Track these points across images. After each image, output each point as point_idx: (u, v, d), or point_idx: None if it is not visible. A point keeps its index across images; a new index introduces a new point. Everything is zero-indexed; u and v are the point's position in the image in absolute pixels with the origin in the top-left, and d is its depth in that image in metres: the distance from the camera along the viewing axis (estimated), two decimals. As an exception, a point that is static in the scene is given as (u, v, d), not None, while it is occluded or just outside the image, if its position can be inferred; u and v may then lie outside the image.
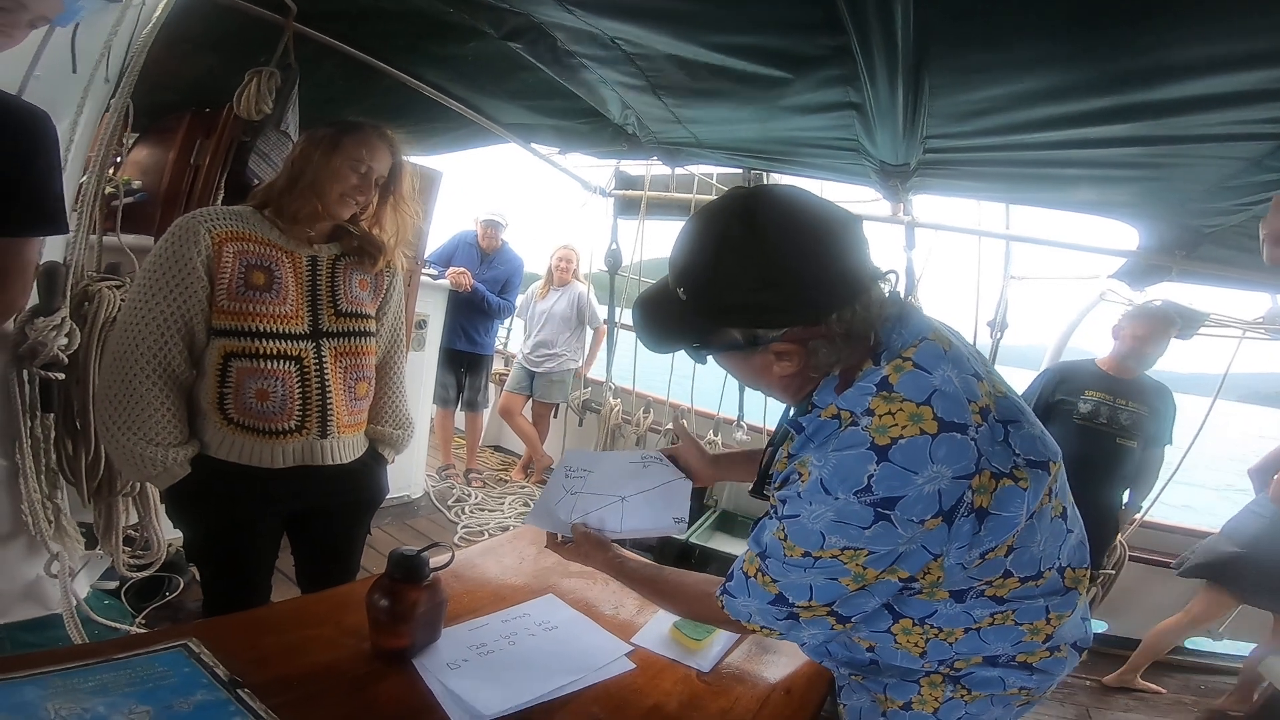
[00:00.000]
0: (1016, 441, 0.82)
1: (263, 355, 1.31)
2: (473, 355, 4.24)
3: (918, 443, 0.77)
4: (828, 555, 0.80)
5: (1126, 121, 1.47)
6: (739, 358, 0.89)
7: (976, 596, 0.87)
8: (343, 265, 1.44)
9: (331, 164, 1.35)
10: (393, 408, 1.65)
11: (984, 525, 0.79)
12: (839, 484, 0.79)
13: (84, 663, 0.87)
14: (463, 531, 3.58)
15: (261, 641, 1.03)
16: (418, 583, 1.05)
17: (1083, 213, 2.21)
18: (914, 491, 0.76)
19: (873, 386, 0.82)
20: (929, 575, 0.83)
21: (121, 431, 1.26)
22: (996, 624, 0.89)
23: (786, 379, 0.89)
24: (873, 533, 0.77)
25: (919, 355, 0.83)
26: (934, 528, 0.78)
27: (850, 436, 0.80)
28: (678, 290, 0.86)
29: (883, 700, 0.98)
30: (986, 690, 0.93)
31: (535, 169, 4.19)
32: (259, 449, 1.34)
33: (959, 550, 0.80)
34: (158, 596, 2.18)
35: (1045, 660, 0.93)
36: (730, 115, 1.96)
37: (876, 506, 0.77)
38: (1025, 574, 0.86)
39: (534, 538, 1.60)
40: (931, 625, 0.89)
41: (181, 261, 1.27)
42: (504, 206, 4.61)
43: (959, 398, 0.80)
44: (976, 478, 0.77)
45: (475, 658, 1.08)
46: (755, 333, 0.84)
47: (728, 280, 0.81)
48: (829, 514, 0.79)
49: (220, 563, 1.41)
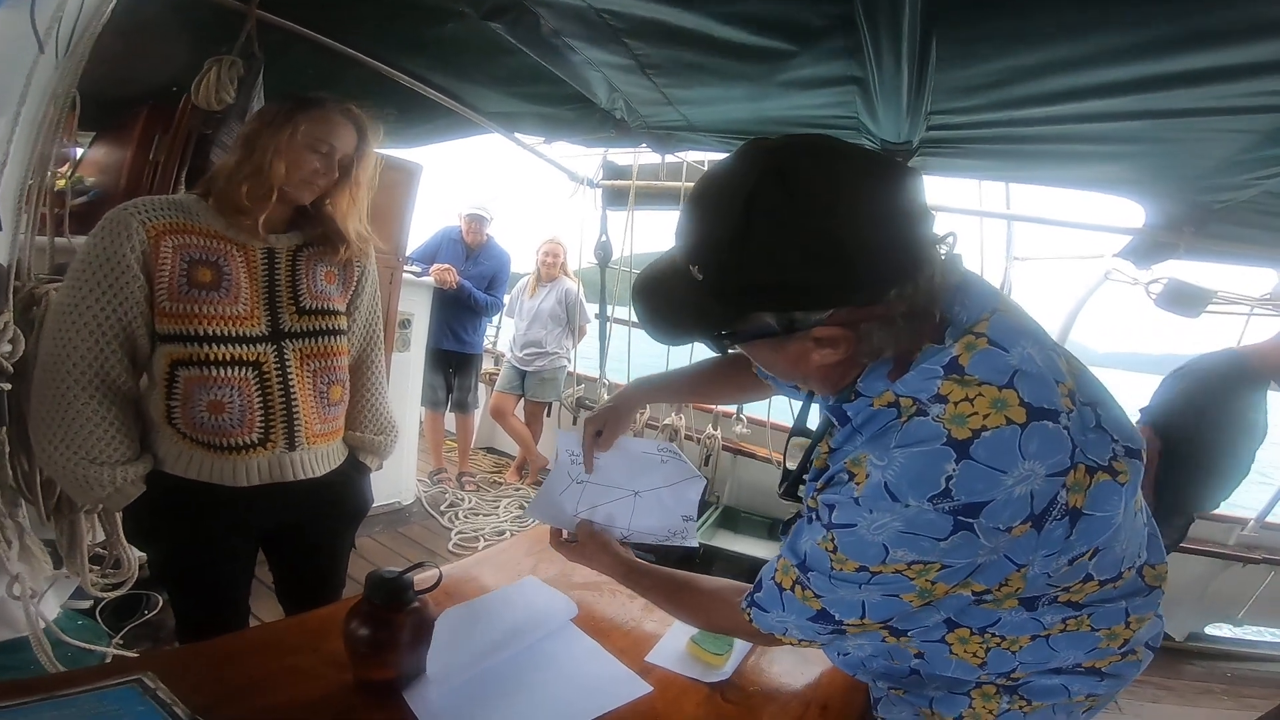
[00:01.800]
0: (1110, 426, 0.70)
1: (213, 362, 1.18)
2: (461, 355, 4.15)
3: (1005, 435, 0.64)
4: (890, 570, 0.69)
5: (1137, 94, 1.41)
6: (770, 346, 0.73)
7: (1049, 603, 0.76)
8: (305, 257, 1.31)
9: (288, 143, 1.20)
10: (372, 411, 1.52)
11: (1076, 528, 0.68)
12: (910, 488, 0.65)
13: (24, 700, 0.78)
14: (457, 538, 3.49)
15: (228, 674, 0.93)
16: (401, 607, 0.93)
17: (1088, 190, 2.15)
18: (1002, 495, 0.64)
19: (939, 369, 0.68)
20: (1007, 587, 0.72)
21: (59, 451, 1.14)
22: (1069, 630, 0.78)
23: (828, 368, 0.74)
24: (949, 544, 0.65)
25: (993, 330, 0.69)
26: (1021, 535, 0.66)
27: (919, 429, 0.67)
28: (690, 269, 0.69)
29: (929, 715, 0.88)
30: (1048, 700, 0.82)
31: (520, 160, 4.11)
32: (219, 466, 1.22)
33: (1046, 558, 0.69)
34: (135, 615, 2.09)
35: (1116, 664, 0.83)
36: (723, 94, 1.88)
37: (957, 514, 0.64)
38: (1105, 576, 0.75)
39: (529, 546, 1.51)
40: (994, 634, 0.79)
41: (113, 259, 1.13)
42: (488, 200, 4.51)
43: (1045, 379, 0.67)
44: (1071, 473, 0.66)
45: (473, 688, 0.98)
46: (793, 316, 0.67)
47: (760, 255, 0.63)
48: (896, 524, 0.66)
49: (189, 586, 1.30)
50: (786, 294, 0.66)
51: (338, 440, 1.41)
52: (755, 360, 0.82)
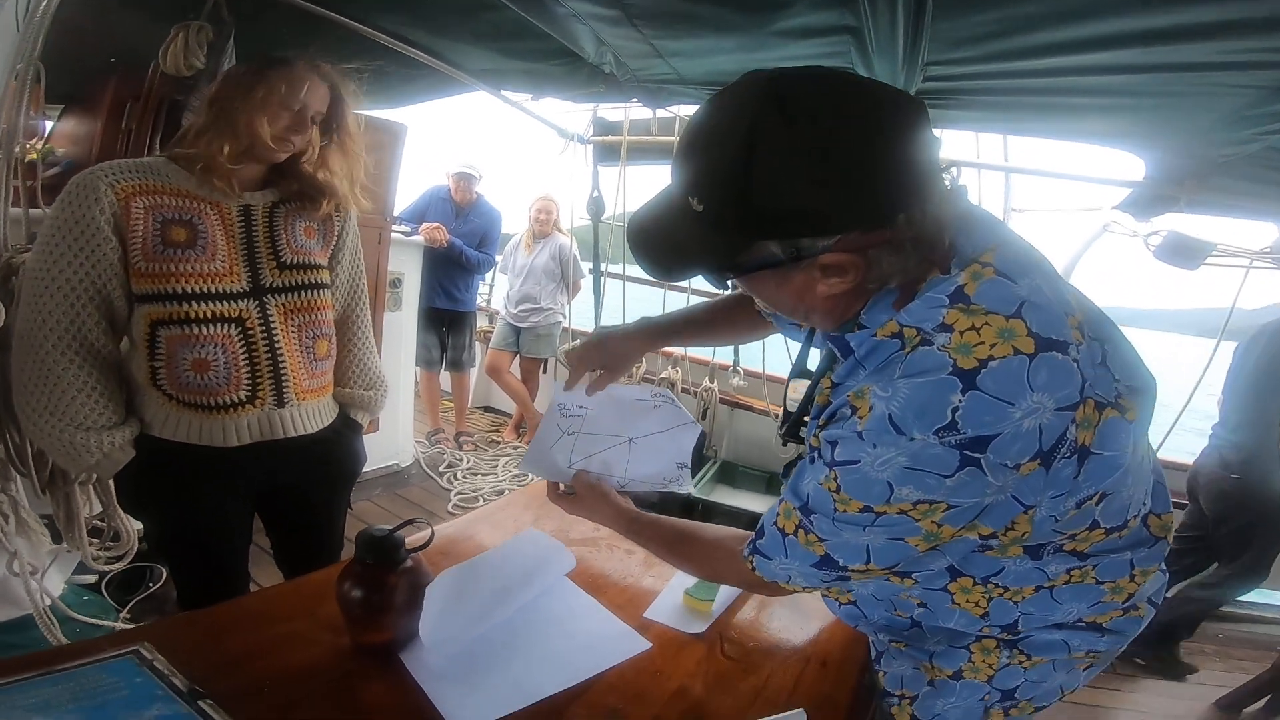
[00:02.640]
0: (1115, 364, 0.68)
1: (195, 320, 1.17)
2: (454, 313, 4.13)
3: (1012, 365, 0.61)
4: (894, 510, 0.66)
5: (1140, 47, 1.36)
6: (775, 279, 0.70)
7: (1054, 552, 0.74)
8: (282, 213, 1.30)
9: (260, 103, 1.19)
10: (360, 366, 1.51)
11: (1084, 468, 0.66)
12: (915, 420, 0.63)
13: (24, 676, 0.78)
14: (456, 499, 3.53)
15: (225, 643, 0.93)
16: (393, 567, 0.93)
17: (1088, 142, 2.10)
18: (1010, 428, 0.61)
19: (945, 298, 0.66)
20: (1013, 530, 0.70)
21: (44, 419, 1.14)
22: (1073, 582, 0.77)
23: (833, 299, 0.71)
24: (956, 482, 0.63)
25: (1000, 260, 0.67)
26: (1030, 473, 0.63)
27: (924, 359, 0.64)
28: (690, 201, 0.67)
29: (928, 668, 0.88)
30: (1048, 655, 0.83)
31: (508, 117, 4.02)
32: (208, 426, 1.22)
33: (1054, 500, 0.67)
34: (140, 589, 2.11)
35: (1118, 620, 0.82)
36: (715, 46, 1.81)
37: (964, 449, 0.61)
38: (1111, 524, 0.74)
39: (528, 502, 1.52)
40: (997, 584, 0.78)
41: (83, 222, 1.12)
42: (477, 158, 4.43)
43: (1054, 310, 0.65)
44: (1081, 408, 0.63)
45: (472, 648, 0.98)
46: (800, 244, 0.65)
47: (764, 182, 0.61)
48: (901, 460, 0.64)
49: (186, 552, 1.32)
50: (792, 221, 0.64)
51: (327, 396, 1.41)
52: (757, 296, 0.78)
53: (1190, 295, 59.44)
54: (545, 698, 0.91)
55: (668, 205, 0.71)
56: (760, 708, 0.94)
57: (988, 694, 0.86)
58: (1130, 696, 2.52)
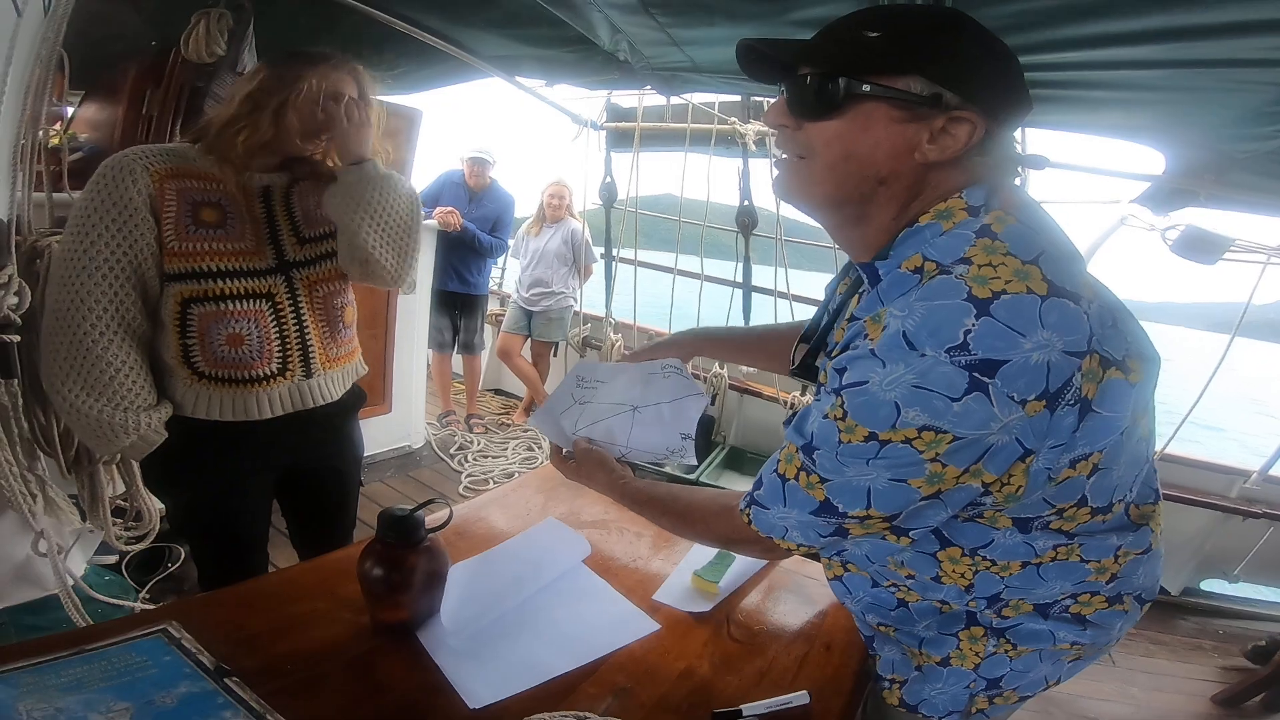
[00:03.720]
0: (1125, 329, 0.69)
1: (226, 296, 1.20)
2: (466, 296, 4.16)
3: (1025, 300, 0.62)
4: (899, 438, 0.65)
5: (1162, 43, 1.35)
6: (892, 118, 0.71)
7: (1042, 528, 0.75)
8: (297, 192, 1.33)
9: (295, 100, 1.22)
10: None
11: (1084, 423, 0.66)
12: (928, 336, 0.63)
13: (55, 656, 0.80)
14: (467, 481, 3.57)
15: (249, 621, 0.95)
16: (413, 546, 0.95)
17: (1107, 136, 2.08)
18: (1020, 358, 0.61)
19: (971, 234, 0.69)
20: (1009, 483, 0.69)
21: (82, 398, 1.15)
22: (1060, 559, 0.78)
23: (920, 171, 0.73)
24: (963, 407, 0.62)
25: (1023, 213, 0.71)
26: (1035, 414, 0.63)
27: (941, 285, 0.66)
28: (864, 31, 0.71)
29: (916, 654, 0.90)
30: (1034, 645, 0.84)
31: (522, 103, 4.01)
32: (240, 400, 1.25)
33: (1052, 450, 0.67)
34: (159, 569, 2.13)
35: (1101, 613, 0.83)
36: (730, 35, 1.79)
37: (973, 370, 0.61)
38: (1098, 504, 0.74)
39: (539, 484, 1.54)
40: (984, 556, 0.78)
41: (122, 201, 1.14)
42: (491, 143, 4.43)
43: (1071, 267, 0.67)
44: (1087, 359, 0.64)
45: (485, 629, 1.00)
46: (944, 92, 0.69)
47: (954, 38, 0.71)
48: (910, 377, 0.63)
49: (210, 532, 1.35)
50: (959, 70, 0.70)
51: (351, 363, 1.45)
52: (835, 143, 0.73)
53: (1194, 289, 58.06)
54: (557, 676, 0.93)
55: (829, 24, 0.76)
56: (765, 689, 0.95)
57: (973, 681, 0.87)
58: (1129, 690, 2.53)
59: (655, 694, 0.93)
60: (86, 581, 1.72)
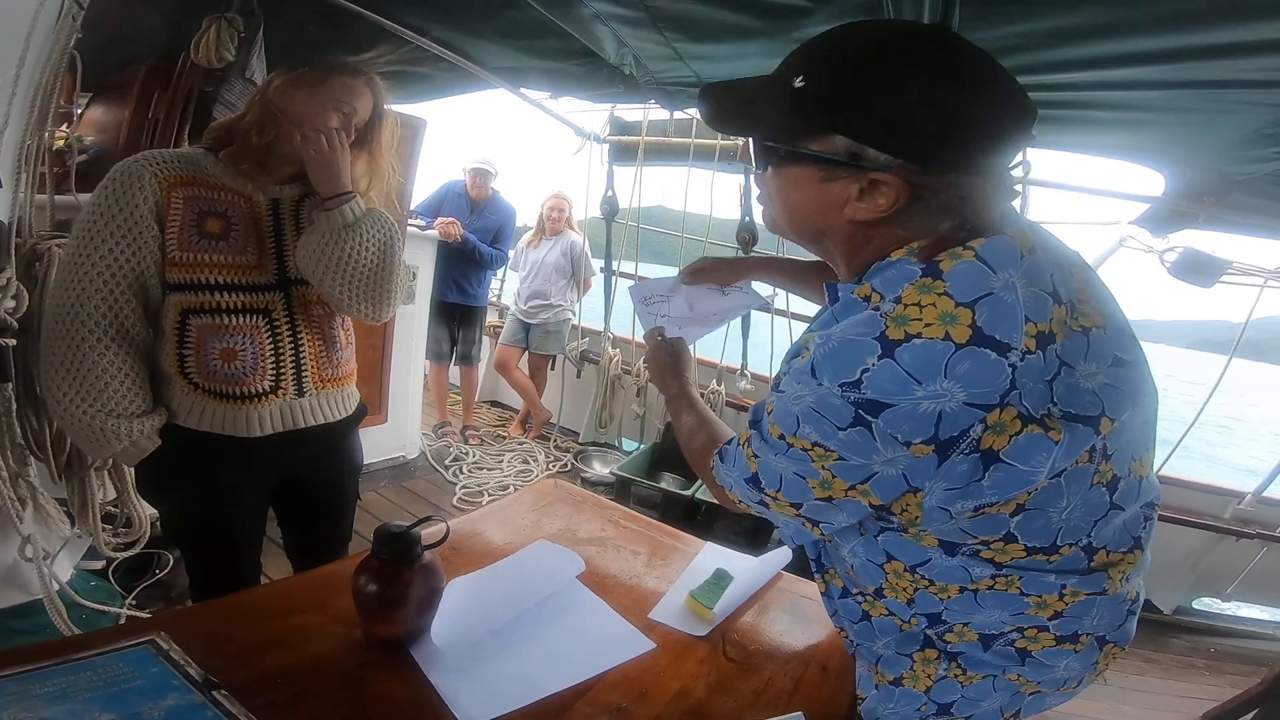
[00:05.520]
0: (1060, 388, 0.66)
1: (224, 310, 1.19)
2: (465, 307, 4.14)
3: (935, 348, 0.62)
4: (799, 445, 0.71)
5: (1164, 64, 1.36)
6: (816, 178, 0.72)
7: (970, 555, 0.75)
8: (308, 206, 1.31)
9: (314, 104, 1.22)
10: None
11: (989, 473, 0.66)
12: (827, 369, 0.67)
13: (40, 665, 0.78)
14: (461, 492, 3.54)
15: (239, 633, 0.94)
16: (409, 563, 0.94)
17: (1108, 157, 2.09)
18: (908, 404, 0.63)
19: (918, 270, 0.68)
20: (906, 512, 0.72)
21: (75, 403, 1.14)
22: (997, 589, 0.77)
23: (855, 227, 0.73)
24: (847, 437, 0.66)
25: (985, 248, 0.67)
26: (921, 456, 0.65)
27: (863, 319, 0.67)
28: (793, 79, 0.70)
29: (876, 672, 0.90)
30: (983, 671, 0.82)
31: (526, 115, 4.03)
32: (232, 416, 1.23)
33: (946, 493, 0.68)
34: (147, 575, 2.10)
35: (1049, 650, 0.80)
36: (737, 51, 1.81)
37: (859, 407, 0.64)
38: (1035, 543, 0.73)
39: (534, 501, 1.53)
40: (923, 575, 0.79)
41: (127, 209, 1.13)
42: (493, 154, 4.44)
43: (1014, 314, 0.64)
44: (996, 412, 0.63)
45: (480, 645, 0.99)
46: (867, 151, 0.68)
47: (886, 82, 0.65)
48: (809, 398, 0.68)
49: (202, 542, 1.33)
50: (884, 126, 0.67)
51: (346, 387, 1.43)
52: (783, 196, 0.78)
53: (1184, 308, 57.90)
54: (551, 694, 0.92)
55: (757, 80, 0.76)
56: (760, 709, 0.95)
57: (924, 704, 0.86)
58: (1120, 708, 2.52)
59: (650, 714, 0.92)
60: (73, 586, 1.70)
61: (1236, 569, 3.25)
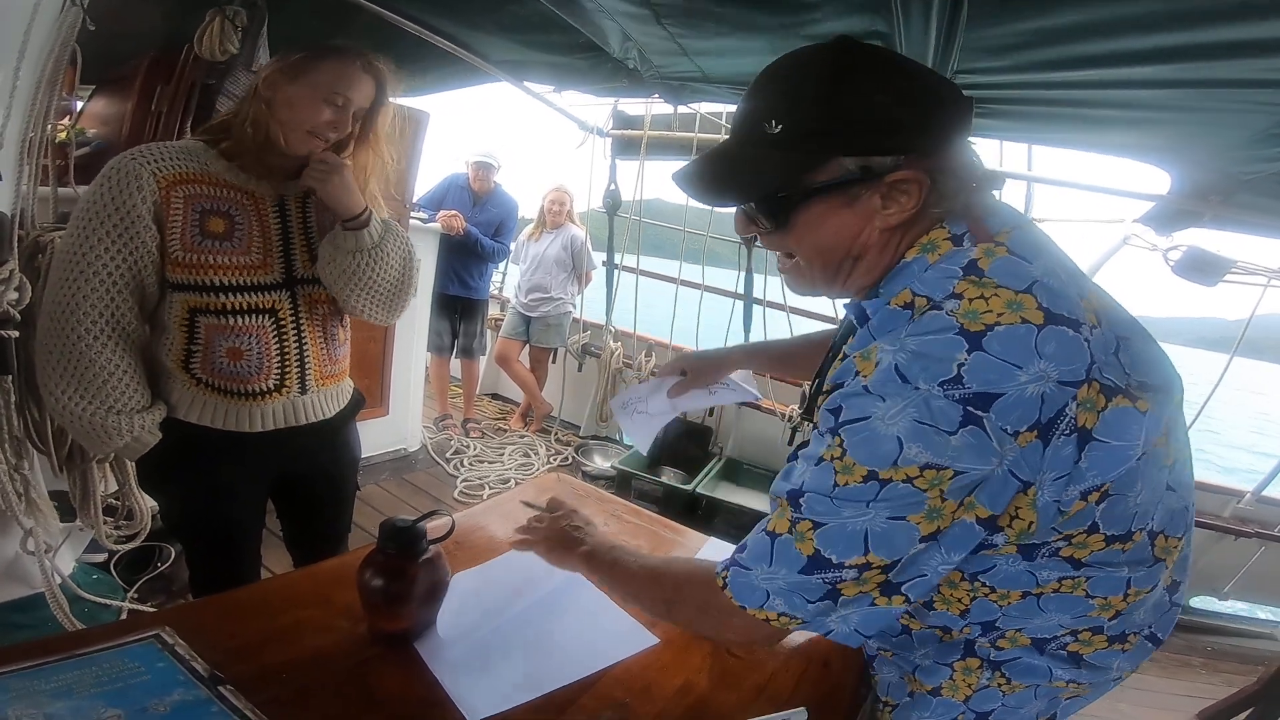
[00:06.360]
0: (1127, 359, 0.66)
1: (231, 311, 1.18)
2: (467, 300, 4.15)
3: (1019, 331, 0.61)
4: (900, 477, 0.63)
5: (1173, 63, 1.35)
6: (839, 205, 0.72)
7: (1050, 555, 0.71)
8: (315, 203, 1.30)
9: (303, 93, 1.17)
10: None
11: (1086, 453, 0.64)
12: (921, 370, 0.62)
13: (46, 660, 0.78)
14: (462, 485, 3.54)
15: (244, 628, 0.94)
16: (414, 557, 0.94)
17: (1114, 155, 2.08)
18: (1015, 390, 0.60)
19: (958, 269, 0.67)
20: (1017, 519, 0.67)
21: (75, 401, 1.13)
22: (1063, 591, 0.74)
23: (888, 237, 0.73)
24: (960, 441, 0.61)
25: (1014, 242, 0.69)
26: (1027, 444, 0.62)
27: (931, 320, 0.65)
28: (765, 125, 0.70)
29: (911, 680, 0.88)
30: (1029, 680, 0.81)
31: (529, 108, 4.01)
32: (234, 412, 1.23)
33: (1055, 483, 0.64)
34: (149, 568, 2.10)
35: (1100, 652, 0.80)
36: (741, 46, 1.80)
37: (967, 404, 0.60)
38: (1113, 531, 0.70)
39: (537, 493, 1.52)
40: (984, 582, 0.75)
41: (124, 209, 1.11)
42: (496, 147, 4.43)
43: (1067, 293, 0.65)
44: (1085, 388, 0.62)
45: (484, 640, 1.00)
46: (871, 162, 0.69)
47: (853, 94, 0.67)
48: (910, 411, 0.62)
49: (203, 535, 1.33)
50: (871, 133, 0.69)
51: (343, 382, 1.43)
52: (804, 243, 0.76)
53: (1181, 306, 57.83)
54: (555, 689, 0.92)
55: (727, 143, 0.76)
56: (763, 705, 0.95)
57: (962, 713, 0.85)
58: (1117, 705, 2.52)
59: (654, 709, 0.92)
60: (74, 580, 1.69)
61: (1234, 568, 3.26)
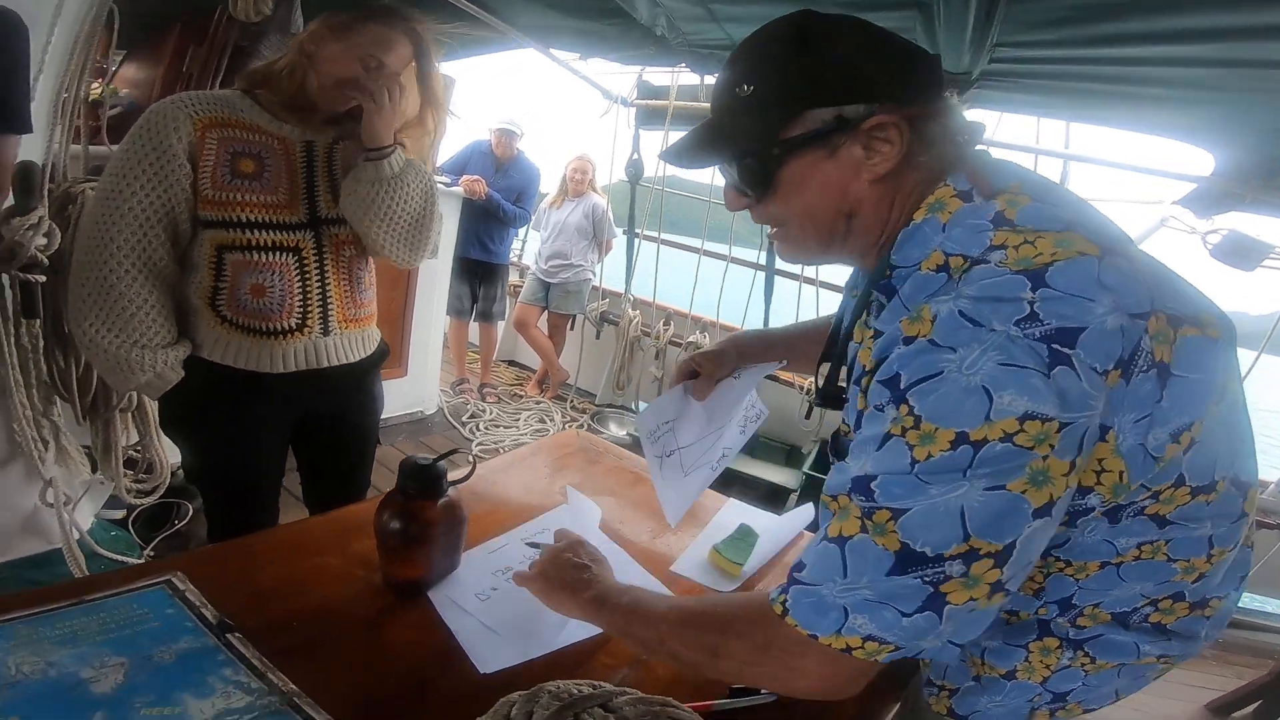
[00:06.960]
0: (1173, 294, 0.61)
1: (256, 247, 1.22)
2: (488, 265, 4.16)
3: (1080, 263, 0.56)
4: (997, 434, 0.53)
5: (1219, 42, 1.31)
6: (821, 157, 0.68)
7: (1134, 515, 0.65)
8: (341, 149, 1.32)
9: (342, 50, 1.21)
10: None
11: (1167, 390, 0.57)
12: (992, 313, 0.54)
13: (53, 607, 0.77)
14: (478, 449, 3.57)
15: (257, 575, 0.93)
16: (434, 498, 0.93)
17: (1156, 134, 2.02)
18: (1096, 323, 0.54)
19: (987, 222, 0.62)
20: (1106, 473, 0.60)
21: (101, 334, 1.17)
22: (1143, 558, 0.68)
23: (881, 186, 0.69)
24: (1055, 382, 0.52)
25: (1031, 190, 0.64)
26: (1115, 384, 0.55)
27: (982, 273, 0.58)
28: (738, 89, 0.70)
29: (977, 664, 0.80)
30: (1116, 659, 0.73)
31: (554, 76, 3.96)
32: (257, 351, 1.26)
33: (1137, 425, 0.57)
34: (166, 525, 2.11)
35: (1183, 620, 0.73)
36: (774, 13, 1.75)
37: (1050, 342, 0.53)
38: (1197, 482, 0.63)
39: (551, 452, 1.50)
40: (1058, 556, 0.69)
41: (161, 148, 1.15)
42: (520, 115, 4.39)
43: (1107, 229, 0.61)
44: (1153, 319, 0.56)
45: (498, 592, 0.98)
46: (844, 110, 0.66)
47: (819, 51, 0.66)
48: (993, 354, 0.53)
49: (222, 484, 1.36)
50: (840, 82, 0.67)
51: (368, 327, 1.44)
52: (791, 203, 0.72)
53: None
54: (570, 644, 0.91)
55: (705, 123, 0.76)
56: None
57: (1038, 694, 0.78)
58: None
59: (671, 667, 0.89)
60: (92, 536, 1.70)
61: (1254, 559, 3.20)
